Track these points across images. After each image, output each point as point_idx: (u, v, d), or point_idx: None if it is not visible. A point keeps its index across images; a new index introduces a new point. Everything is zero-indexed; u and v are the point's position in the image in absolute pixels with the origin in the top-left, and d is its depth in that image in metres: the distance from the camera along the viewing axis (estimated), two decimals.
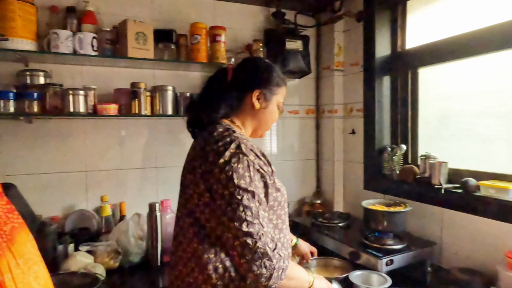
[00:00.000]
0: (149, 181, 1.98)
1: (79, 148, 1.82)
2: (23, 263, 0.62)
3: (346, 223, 1.88)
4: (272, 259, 0.88)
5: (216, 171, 0.91)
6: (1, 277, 0.57)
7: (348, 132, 2.21)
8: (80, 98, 1.64)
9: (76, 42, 1.61)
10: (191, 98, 1.10)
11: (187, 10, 2.01)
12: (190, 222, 0.98)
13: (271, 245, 0.89)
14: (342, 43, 2.24)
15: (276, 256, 0.89)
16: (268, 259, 0.88)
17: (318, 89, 2.38)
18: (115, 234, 1.63)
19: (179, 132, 2.03)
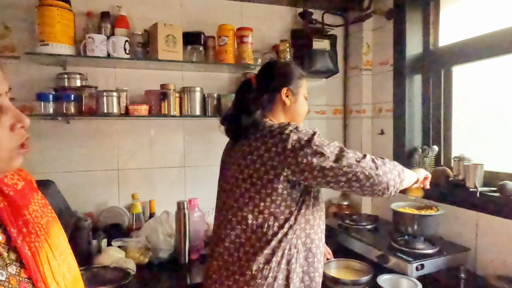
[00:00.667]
0: (177, 180, 2.03)
1: (112, 147, 1.90)
2: (58, 255, 0.66)
3: (374, 226, 1.84)
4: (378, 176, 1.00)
5: (300, 154, 0.98)
6: (41, 268, 0.61)
7: (377, 132, 2.16)
8: (113, 100, 1.70)
9: (110, 45, 1.68)
10: (225, 112, 1.19)
11: (215, 12, 2.05)
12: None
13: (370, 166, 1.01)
14: (371, 42, 2.19)
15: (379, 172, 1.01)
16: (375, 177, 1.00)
17: (346, 89, 2.34)
18: (145, 230, 1.69)
19: (206, 132, 2.07)
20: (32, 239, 0.62)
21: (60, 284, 0.63)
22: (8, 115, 0.55)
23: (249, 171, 1.03)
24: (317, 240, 1.10)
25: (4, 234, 0.60)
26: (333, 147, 1.01)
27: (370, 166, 1.00)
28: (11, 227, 0.60)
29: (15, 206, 0.63)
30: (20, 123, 0.56)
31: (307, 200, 1.07)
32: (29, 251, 0.60)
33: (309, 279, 1.08)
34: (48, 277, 0.61)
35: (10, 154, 0.55)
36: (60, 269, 0.64)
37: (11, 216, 0.61)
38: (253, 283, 1.00)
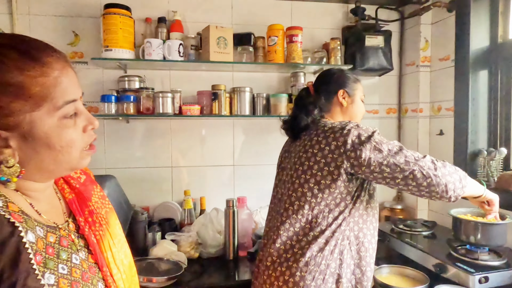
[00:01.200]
0: (227, 178, 2.08)
1: (166, 145, 2.00)
2: (117, 242, 0.71)
3: (431, 232, 1.72)
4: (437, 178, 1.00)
5: (360, 148, 1.02)
6: (105, 254, 0.67)
7: (436, 133, 2.02)
8: (168, 100, 1.79)
9: (166, 49, 1.77)
10: (286, 120, 1.29)
11: (265, 13, 2.06)
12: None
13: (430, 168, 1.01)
14: (430, 36, 2.06)
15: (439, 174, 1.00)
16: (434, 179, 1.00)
17: (401, 86, 2.23)
18: (196, 226, 1.75)
19: (255, 132, 2.09)
20: (96, 228, 0.68)
21: (120, 269, 0.68)
22: (82, 118, 0.60)
23: (309, 163, 1.09)
24: (370, 235, 1.13)
25: (74, 223, 0.66)
26: (392, 145, 1.05)
27: (428, 166, 1.01)
28: (79, 216, 0.67)
29: (81, 198, 0.69)
30: (91, 125, 0.61)
31: (362, 195, 1.10)
32: (95, 238, 0.66)
33: (360, 272, 1.09)
34: (111, 262, 0.67)
35: (81, 154, 0.61)
36: (119, 256, 0.70)
37: (79, 207, 0.68)
38: (306, 269, 1.05)
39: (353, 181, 1.08)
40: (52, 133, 0.56)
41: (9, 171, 0.55)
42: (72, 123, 0.58)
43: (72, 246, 0.62)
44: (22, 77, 0.52)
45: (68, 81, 0.58)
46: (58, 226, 0.61)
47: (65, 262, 0.58)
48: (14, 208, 0.55)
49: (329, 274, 1.05)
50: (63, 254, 0.59)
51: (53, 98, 0.55)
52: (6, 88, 0.52)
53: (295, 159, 1.16)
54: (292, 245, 1.09)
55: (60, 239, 0.60)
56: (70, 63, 0.60)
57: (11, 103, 0.52)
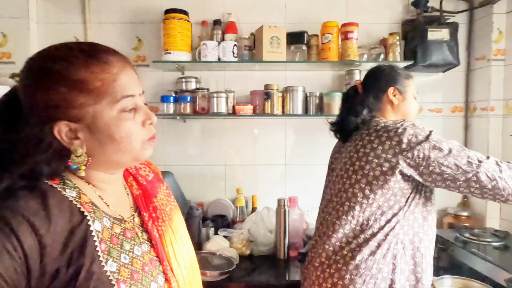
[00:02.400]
0: (278, 178, 2.08)
1: (220, 144, 2.06)
2: (179, 239, 0.75)
3: (503, 243, 1.56)
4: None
5: (417, 148, 0.98)
6: (166, 248, 0.70)
7: (509, 134, 1.82)
8: (222, 100, 1.85)
9: (220, 50, 1.83)
10: (334, 121, 1.26)
11: (319, 10, 2.02)
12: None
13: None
14: (504, 27, 1.86)
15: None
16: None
17: (469, 83, 2.04)
18: (248, 224, 1.78)
19: (308, 131, 2.06)
20: (159, 223, 0.72)
21: (181, 264, 0.72)
22: (140, 113, 0.65)
23: (361, 163, 1.06)
24: (427, 241, 1.06)
25: (139, 217, 0.71)
26: (453, 144, 0.98)
27: (493, 168, 0.93)
28: (144, 211, 0.71)
29: (147, 194, 0.74)
30: (149, 120, 0.66)
31: (417, 198, 1.04)
32: (157, 233, 0.70)
33: (415, 279, 1.04)
34: (171, 257, 0.70)
35: (142, 145, 0.65)
36: (181, 252, 0.73)
37: (144, 203, 0.73)
38: (356, 272, 1.02)
39: (408, 183, 1.02)
40: (113, 124, 0.60)
41: (78, 160, 0.60)
42: (131, 117, 0.63)
43: (136, 238, 0.66)
44: (86, 74, 0.58)
45: (127, 78, 0.63)
46: (123, 219, 0.66)
47: (128, 253, 0.62)
48: (85, 199, 0.61)
49: (381, 279, 1.01)
50: (127, 245, 0.63)
51: (112, 92, 0.60)
52: (73, 84, 0.58)
53: (346, 159, 1.13)
54: (342, 247, 1.07)
55: (125, 231, 0.65)
56: (131, 64, 0.65)
57: (77, 97, 0.58)
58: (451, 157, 0.95)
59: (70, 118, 0.59)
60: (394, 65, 1.27)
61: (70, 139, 0.60)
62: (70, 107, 0.58)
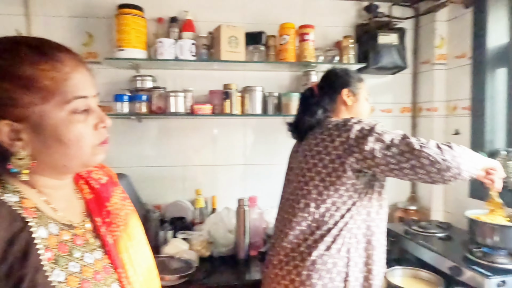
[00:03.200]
0: (238, 177, 2.08)
1: (178, 145, 2.01)
2: (136, 244, 0.72)
3: (446, 234, 1.69)
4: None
5: (363, 142, 1.01)
6: (121, 255, 0.67)
7: (451, 133, 1.98)
8: (179, 100, 1.80)
9: (177, 48, 1.78)
10: (290, 122, 1.30)
11: (276, 11, 2.05)
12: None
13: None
14: (445, 34, 2.01)
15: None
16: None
17: (416, 85, 2.18)
18: (207, 225, 1.76)
19: (267, 131, 2.08)
20: (114, 228, 0.68)
21: (137, 271, 0.68)
22: (93, 115, 0.61)
23: (314, 161, 1.10)
24: (379, 234, 1.12)
25: (91, 223, 0.67)
26: (395, 134, 1.02)
27: (435, 151, 0.96)
28: (97, 216, 0.67)
29: (100, 198, 0.70)
30: (102, 123, 0.62)
31: (369, 193, 1.09)
32: (111, 239, 0.66)
33: (368, 270, 1.09)
34: (126, 264, 0.67)
35: (92, 150, 0.61)
36: (137, 258, 0.70)
37: (97, 207, 0.69)
38: (313, 268, 1.05)
39: (360, 178, 1.07)
40: (61, 126, 0.57)
41: (19, 163, 0.56)
42: (82, 119, 0.59)
43: (87, 245, 0.62)
44: (33, 71, 0.54)
45: (80, 78, 0.59)
46: (73, 225, 0.62)
47: (78, 261, 0.59)
48: (28, 204, 0.56)
49: (336, 273, 1.05)
50: (76, 252, 0.59)
51: (62, 92, 0.56)
52: (18, 80, 0.54)
53: (301, 158, 1.16)
54: (299, 244, 1.10)
55: (75, 237, 0.61)
56: (84, 63, 0.62)
57: (22, 95, 0.54)
58: (394, 147, 0.98)
59: (13, 117, 0.54)
60: (348, 68, 1.32)
61: (12, 140, 0.55)
62: (14, 106, 0.54)
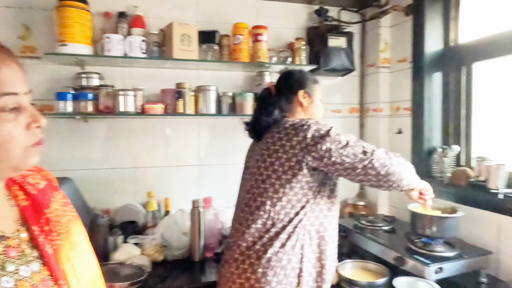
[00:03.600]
0: (192, 179, 2.04)
1: (129, 145, 1.92)
2: (79, 252, 0.67)
3: (391, 227, 1.80)
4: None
5: (320, 142, 1.05)
6: (62, 265, 0.62)
7: (395, 131, 2.11)
8: (129, 99, 1.73)
9: (127, 45, 1.71)
10: (247, 121, 1.32)
11: (230, 11, 2.05)
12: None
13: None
14: (389, 39, 2.14)
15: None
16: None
17: (363, 87, 2.30)
18: (160, 228, 1.71)
19: (221, 131, 2.07)
20: (53, 237, 0.63)
21: (81, 281, 0.64)
22: (25, 114, 0.56)
23: (271, 159, 1.11)
24: (331, 230, 1.16)
25: (28, 232, 0.61)
26: (349, 137, 1.09)
27: (384, 156, 1.07)
28: (34, 225, 0.62)
29: (37, 205, 0.64)
30: (36, 123, 0.57)
31: (322, 190, 1.13)
32: (51, 249, 0.61)
33: (321, 266, 1.13)
34: (69, 274, 0.62)
35: (24, 152, 0.56)
36: (80, 267, 0.65)
37: (34, 215, 0.63)
38: (268, 265, 1.06)
39: (315, 176, 1.10)
40: None
41: None
42: (12, 118, 0.54)
43: (22, 257, 0.57)
44: None
45: (8, 73, 0.54)
46: (5, 235, 0.57)
47: (11, 275, 0.54)
48: None
49: (290, 269, 1.07)
50: (10, 266, 0.54)
51: None
52: None
53: (258, 157, 1.17)
54: (254, 242, 1.10)
55: (8, 249, 0.55)
56: (14, 57, 0.57)
57: None
58: (349, 147, 1.05)
59: None
60: (304, 70, 1.36)
61: None
62: None
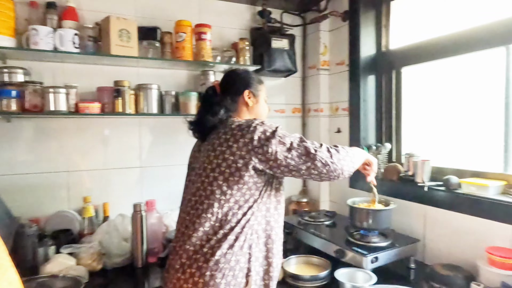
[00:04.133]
0: (133, 181, 1.94)
1: (61, 147, 1.77)
2: None
3: (332, 222, 1.89)
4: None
5: (266, 144, 1.06)
6: None
7: (334, 131, 2.23)
8: (61, 97, 1.59)
9: (57, 38, 1.57)
10: (191, 121, 1.28)
11: (171, 7, 1.99)
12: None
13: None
14: (328, 42, 2.25)
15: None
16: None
17: (304, 88, 2.39)
18: (98, 235, 1.60)
19: (164, 131, 2.00)
20: None
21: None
22: None
23: (218, 161, 1.10)
24: (277, 228, 1.18)
25: None
26: (294, 138, 1.12)
27: (326, 155, 1.11)
28: None
29: None
30: None
31: (269, 190, 1.15)
32: None
33: (268, 263, 1.14)
34: None
35: None
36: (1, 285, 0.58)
37: None
38: (216, 267, 1.04)
39: (261, 177, 1.11)
40: None
41: None
42: None
43: None
44: None
45: None
46: None
47: None
48: None
49: (239, 270, 1.07)
50: None
51: None
52: None
53: (204, 158, 1.15)
54: (202, 245, 1.08)
55: None
56: None
57: None
58: (293, 150, 1.08)
59: None
60: (249, 70, 1.36)
61: None
62: None
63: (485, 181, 1.45)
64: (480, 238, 1.41)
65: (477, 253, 1.39)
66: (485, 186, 1.41)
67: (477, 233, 1.42)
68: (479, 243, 1.40)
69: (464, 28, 1.57)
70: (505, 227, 1.33)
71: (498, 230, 1.35)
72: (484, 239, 1.39)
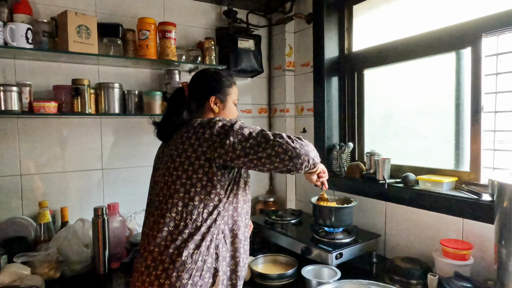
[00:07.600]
0: (94, 184, 1.86)
1: (12, 150, 1.66)
2: None
3: (298, 220, 1.92)
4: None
5: (225, 137, 1.05)
6: None
7: (300, 131, 2.27)
8: (13, 95, 1.49)
9: (8, 33, 1.47)
10: (157, 122, 1.26)
11: (134, 4, 1.93)
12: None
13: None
14: (293, 44, 2.29)
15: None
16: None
17: (270, 88, 2.41)
18: (56, 242, 1.51)
19: (127, 132, 1.93)
20: None
21: None
22: None
23: (181, 159, 1.09)
24: (243, 226, 1.18)
25: None
26: (254, 128, 1.10)
27: (286, 141, 1.07)
28: None
29: None
30: None
31: (235, 189, 1.14)
32: None
33: (235, 263, 1.14)
34: None
35: None
36: None
37: None
38: (183, 268, 1.03)
39: (226, 175, 1.11)
40: None
41: None
42: None
43: None
44: None
45: None
46: None
47: None
48: None
49: (206, 270, 1.06)
50: None
51: None
52: None
53: (167, 158, 1.14)
54: (167, 245, 1.06)
55: None
56: None
57: None
58: (251, 139, 1.06)
59: None
60: (220, 71, 1.31)
61: None
62: None
63: (439, 177, 1.54)
64: (435, 231, 1.49)
65: (433, 245, 1.48)
66: (440, 182, 1.50)
67: (433, 227, 1.50)
68: (434, 236, 1.49)
69: (418, 33, 1.67)
70: (458, 220, 1.42)
71: (451, 223, 1.44)
72: (439, 232, 1.48)
